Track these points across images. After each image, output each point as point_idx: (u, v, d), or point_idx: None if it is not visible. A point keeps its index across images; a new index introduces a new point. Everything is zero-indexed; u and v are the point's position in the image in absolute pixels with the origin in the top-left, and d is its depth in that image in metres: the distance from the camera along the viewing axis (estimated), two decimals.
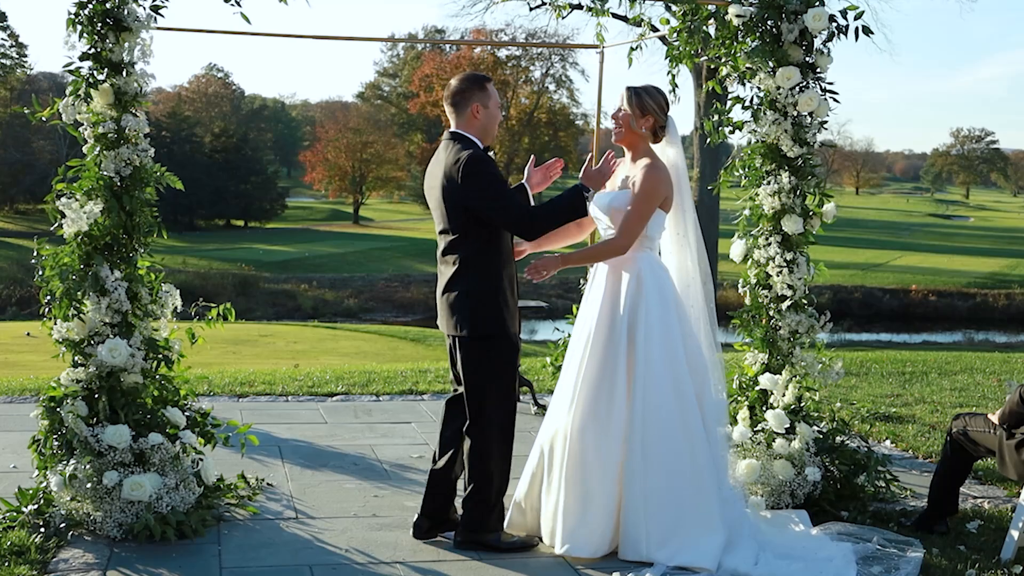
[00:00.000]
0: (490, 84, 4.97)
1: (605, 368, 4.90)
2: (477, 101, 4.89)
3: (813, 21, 5.59)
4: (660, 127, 5.05)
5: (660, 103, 5.04)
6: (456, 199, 4.77)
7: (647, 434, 4.82)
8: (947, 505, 5.39)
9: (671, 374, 4.86)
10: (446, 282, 4.94)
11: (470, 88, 4.92)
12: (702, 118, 22.45)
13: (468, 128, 4.90)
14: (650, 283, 4.93)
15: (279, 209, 64.20)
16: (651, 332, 4.87)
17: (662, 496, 4.80)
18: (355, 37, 7.02)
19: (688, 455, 4.83)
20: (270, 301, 38.40)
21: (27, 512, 5.04)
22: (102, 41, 5.09)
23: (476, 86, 4.93)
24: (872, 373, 10.21)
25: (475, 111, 4.89)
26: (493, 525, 4.95)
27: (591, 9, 6.62)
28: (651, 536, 4.79)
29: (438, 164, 4.92)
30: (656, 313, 4.89)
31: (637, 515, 4.81)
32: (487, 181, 4.74)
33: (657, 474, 4.80)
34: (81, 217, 5.02)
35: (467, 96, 4.90)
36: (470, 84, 4.94)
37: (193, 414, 5.50)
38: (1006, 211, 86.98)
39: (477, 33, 44.82)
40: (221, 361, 14.92)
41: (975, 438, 5.26)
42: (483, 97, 4.91)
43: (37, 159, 56.18)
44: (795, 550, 4.97)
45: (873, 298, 41.08)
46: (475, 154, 4.78)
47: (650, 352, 4.86)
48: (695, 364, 4.97)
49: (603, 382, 4.89)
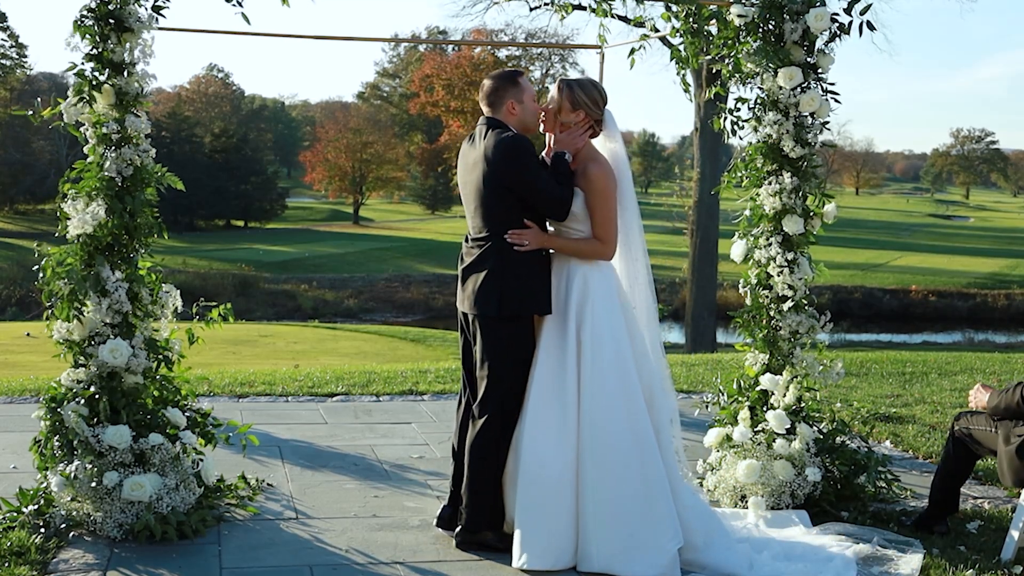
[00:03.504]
0: (522, 78, 4.97)
1: (555, 375, 4.81)
2: (512, 98, 4.90)
3: (815, 21, 5.58)
4: (596, 121, 5.00)
5: (594, 97, 4.97)
6: (496, 180, 4.78)
7: (595, 443, 4.73)
8: (948, 505, 5.38)
9: (619, 378, 4.77)
10: (475, 261, 4.89)
11: (503, 86, 4.92)
12: (703, 118, 22.46)
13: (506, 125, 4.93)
14: (597, 283, 4.86)
15: (279, 209, 64.23)
16: (599, 335, 4.79)
17: (613, 506, 4.70)
18: (356, 37, 7.01)
19: (638, 463, 4.73)
20: (270, 301, 38.44)
21: (27, 512, 5.04)
22: (103, 42, 5.09)
23: (509, 83, 4.93)
24: (872, 373, 10.20)
25: (511, 108, 4.90)
26: (490, 523, 4.92)
27: (593, 10, 6.61)
28: (602, 548, 4.69)
29: (474, 147, 4.93)
30: (604, 315, 4.81)
31: (587, 526, 4.73)
32: (529, 162, 4.77)
33: (606, 483, 4.70)
34: (86, 219, 5.02)
35: (501, 95, 4.91)
36: (503, 82, 4.94)
37: (193, 414, 5.49)
38: (1006, 211, 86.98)
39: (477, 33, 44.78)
40: (221, 361, 14.92)
41: (978, 437, 5.24)
42: (517, 93, 4.92)
43: (37, 160, 56.23)
44: (795, 551, 4.96)
45: (873, 298, 41.10)
46: (516, 136, 4.81)
47: (598, 356, 4.77)
48: (643, 364, 4.90)
49: (553, 390, 4.79)
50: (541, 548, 4.71)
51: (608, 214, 4.86)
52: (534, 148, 4.86)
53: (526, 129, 4.94)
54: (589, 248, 4.89)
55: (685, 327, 26.65)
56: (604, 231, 4.86)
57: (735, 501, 5.59)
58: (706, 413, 6.52)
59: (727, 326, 7.47)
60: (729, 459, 5.69)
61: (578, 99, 4.93)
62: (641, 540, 4.68)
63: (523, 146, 4.77)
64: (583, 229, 4.90)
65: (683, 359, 11.71)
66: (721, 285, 27.93)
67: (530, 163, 4.77)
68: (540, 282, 4.86)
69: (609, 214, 4.86)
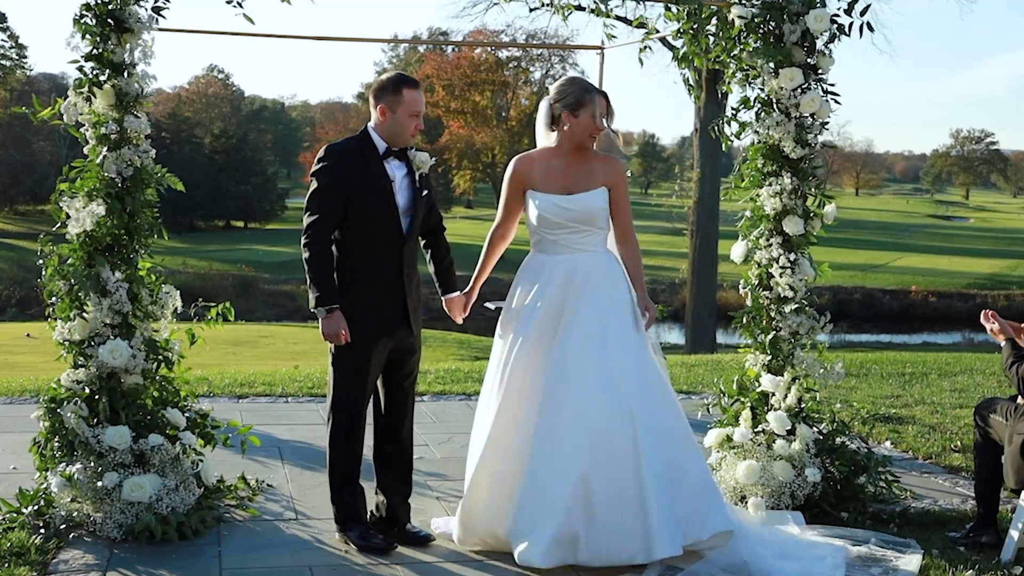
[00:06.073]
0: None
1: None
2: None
3: (815, 22, 5.58)
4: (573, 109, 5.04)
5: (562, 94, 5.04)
6: None
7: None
8: (992, 509, 5.19)
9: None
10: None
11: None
12: (703, 120, 22.46)
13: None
14: (620, 274, 5.01)
15: (279, 210, 64.16)
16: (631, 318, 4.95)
17: None
18: (356, 38, 7.02)
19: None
20: (270, 302, 38.42)
21: (27, 513, 5.04)
22: (104, 42, 5.09)
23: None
24: (872, 374, 10.20)
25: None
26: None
27: (593, 10, 6.62)
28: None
29: None
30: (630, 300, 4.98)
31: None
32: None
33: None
34: (85, 218, 5.02)
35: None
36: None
37: (193, 415, 5.49)
38: (1006, 212, 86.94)
39: (477, 34, 44.81)
40: (221, 362, 14.91)
41: (992, 423, 5.15)
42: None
43: (37, 160, 56.20)
44: (791, 549, 4.96)
45: (873, 299, 41.11)
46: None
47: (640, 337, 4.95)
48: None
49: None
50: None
51: (629, 209, 5.10)
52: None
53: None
54: (637, 254, 5.11)
55: (685, 328, 26.66)
56: (631, 224, 5.08)
57: (735, 501, 5.59)
58: (706, 414, 6.51)
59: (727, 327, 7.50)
60: (729, 460, 5.69)
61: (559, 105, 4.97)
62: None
63: None
64: (603, 227, 5.00)
65: (683, 360, 11.71)
66: (721, 286, 27.91)
67: None
68: None
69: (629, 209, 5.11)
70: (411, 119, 4.88)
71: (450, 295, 5.22)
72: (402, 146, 4.93)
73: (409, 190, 4.94)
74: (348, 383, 4.91)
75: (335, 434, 4.96)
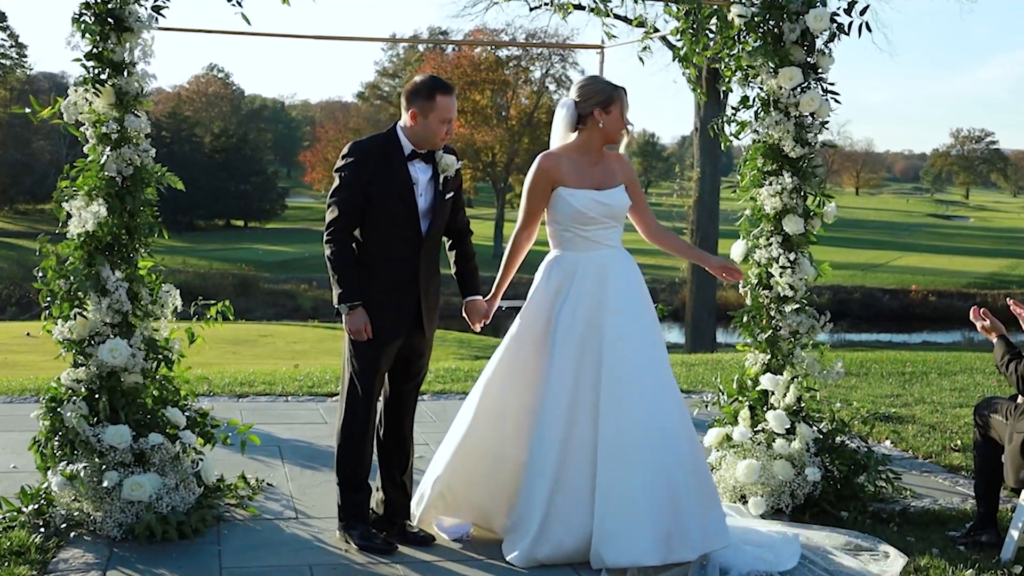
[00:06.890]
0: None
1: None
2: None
3: (814, 22, 5.59)
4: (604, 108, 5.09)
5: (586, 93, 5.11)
6: None
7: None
8: (991, 508, 5.19)
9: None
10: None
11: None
12: (703, 119, 22.46)
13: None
14: (634, 272, 5.07)
15: (279, 209, 64.20)
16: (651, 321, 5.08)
17: None
18: (356, 37, 7.02)
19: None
20: (270, 301, 38.43)
21: (27, 512, 5.04)
22: (103, 41, 5.09)
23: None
24: (872, 373, 10.20)
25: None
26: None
27: (593, 9, 6.62)
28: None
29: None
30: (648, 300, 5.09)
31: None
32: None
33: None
34: (87, 218, 5.02)
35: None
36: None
37: (193, 414, 5.49)
38: (1006, 211, 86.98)
39: (477, 33, 44.82)
40: (221, 361, 14.91)
41: (992, 423, 5.15)
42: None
43: (37, 160, 56.18)
44: (750, 537, 5.04)
45: (873, 298, 41.12)
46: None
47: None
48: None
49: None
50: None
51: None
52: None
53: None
54: (672, 234, 5.54)
55: (685, 327, 26.68)
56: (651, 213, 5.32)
57: (735, 501, 5.59)
58: (706, 413, 6.51)
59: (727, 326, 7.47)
60: (729, 459, 5.70)
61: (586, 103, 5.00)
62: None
63: None
64: (623, 223, 5.10)
65: (683, 359, 11.71)
66: (721, 285, 27.92)
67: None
68: None
69: None
70: (442, 125, 4.85)
71: (472, 298, 5.16)
72: (429, 149, 4.91)
73: (432, 193, 4.92)
74: (362, 381, 4.92)
75: (346, 431, 4.97)
